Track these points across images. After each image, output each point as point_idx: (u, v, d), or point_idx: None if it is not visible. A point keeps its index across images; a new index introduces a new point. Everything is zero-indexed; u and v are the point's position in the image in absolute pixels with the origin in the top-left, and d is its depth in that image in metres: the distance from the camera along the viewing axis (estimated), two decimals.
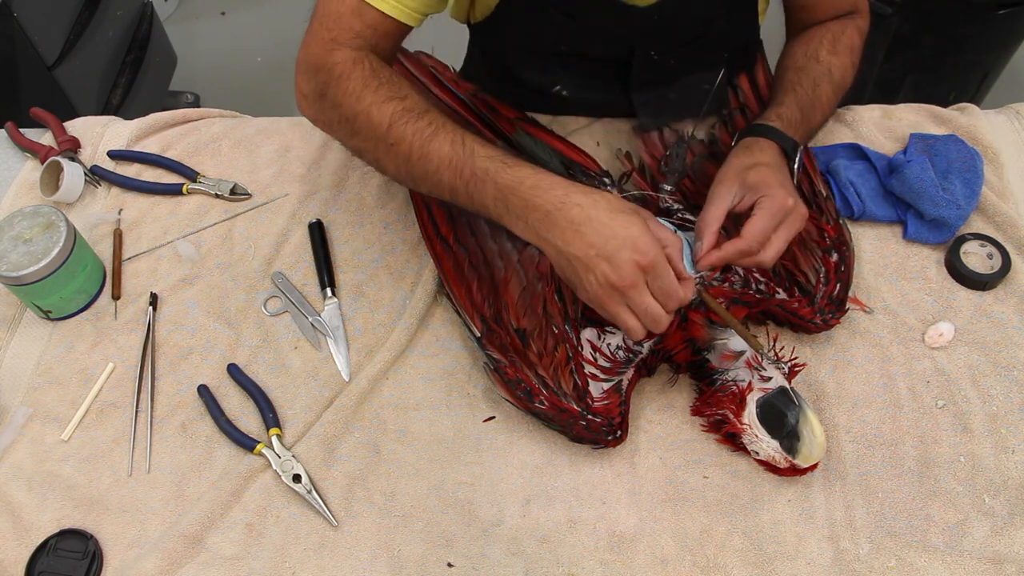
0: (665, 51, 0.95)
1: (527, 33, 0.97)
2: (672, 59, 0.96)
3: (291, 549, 0.75)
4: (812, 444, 0.73)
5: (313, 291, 0.92)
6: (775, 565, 0.73)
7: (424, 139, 0.76)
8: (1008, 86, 1.88)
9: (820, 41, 0.92)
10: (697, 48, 0.96)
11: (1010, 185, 0.97)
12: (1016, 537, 0.73)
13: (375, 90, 0.78)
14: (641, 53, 0.94)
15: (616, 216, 0.71)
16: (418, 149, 0.76)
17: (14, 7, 1.51)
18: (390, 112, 0.77)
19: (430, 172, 0.76)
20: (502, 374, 0.80)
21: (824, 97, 0.90)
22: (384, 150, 0.78)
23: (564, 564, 0.74)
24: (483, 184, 0.74)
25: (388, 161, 0.79)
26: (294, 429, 0.82)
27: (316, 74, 0.81)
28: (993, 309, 0.87)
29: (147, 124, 1.09)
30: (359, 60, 0.80)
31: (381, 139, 0.78)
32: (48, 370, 0.87)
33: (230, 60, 2.47)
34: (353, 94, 0.79)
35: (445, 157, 0.75)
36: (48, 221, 0.87)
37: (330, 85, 0.80)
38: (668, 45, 0.94)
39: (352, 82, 0.79)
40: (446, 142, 0.75)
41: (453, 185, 0.76)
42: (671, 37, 0.94)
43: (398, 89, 0.79)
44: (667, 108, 1.02)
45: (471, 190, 0.75)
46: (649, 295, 0.71)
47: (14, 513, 0.78)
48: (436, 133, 0.76)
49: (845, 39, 0.93)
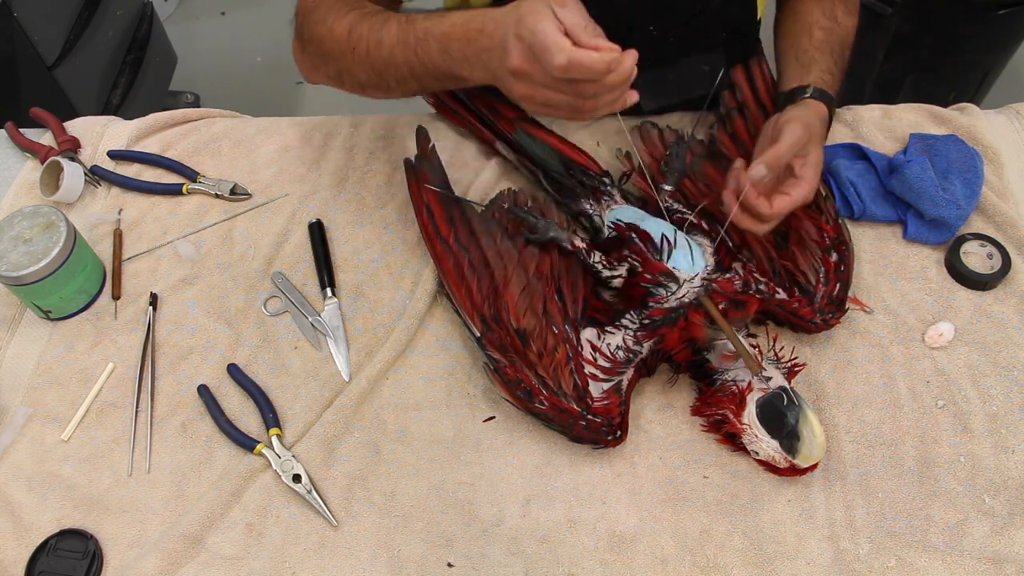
0: (664, 28, 0.95)
1: None
2: (671, 36, 0.96)
3: (291, 549, 0.75)
4: (812, 444, 0.73)
5: (313, 291, 0.92)
6: (775, 565, 0.73)
7: (377, 30, 0.79)
8: (1008, 86, 1.88)
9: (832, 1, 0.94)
10: (696, 27, 0.96)
11: (1010, 185, 0.97)
12: (1016, 537, 0.73)
13: (337, 11, 0.82)
14: (640, 29, 0.95)
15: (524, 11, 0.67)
16: (373, 40, 0.79)
17: (14, 7, 1.51)
18: (349, 20, 0.81)
19: (386, 58, 0.78)
20: (502, 374, 0.80)
21: (846, 64, 0.93)
22: (350, 57, 0.81)
23: (564, 564, 0.74)
24: (427, 45, 0.75)
25: (357, 68, 0.82)
26: (294, 429, 0.82)
27: (297, 19, 0.86)
28: (993, 309, 0.87)
29: (147, 124, 1.09)
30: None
31: (345, 48, 0.81)
32: (48, 370, 0.87)
33: (230, 60, 2.47)
34: (321, 21, 0.83)
35: (394, 37, 0.77)
36: (48, 221, 0.87)
37: (305, 24, 0.84)
38: (667, 21, 0.95)
39: (319, 11, 0.83)
40: (394, 24, 0.78)
41: (408, 60, 0.77)
42: (669, 12, 0.94)
43: (360, 4, 0.82)
44: (666, 89, 1.02)
45: (420, 56, 0.76)
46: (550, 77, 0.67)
47: (14, 513, 0.78)
48: (386, 21, 0.79)
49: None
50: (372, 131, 1.06)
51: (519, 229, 0.89)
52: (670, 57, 1.00)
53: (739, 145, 0.96)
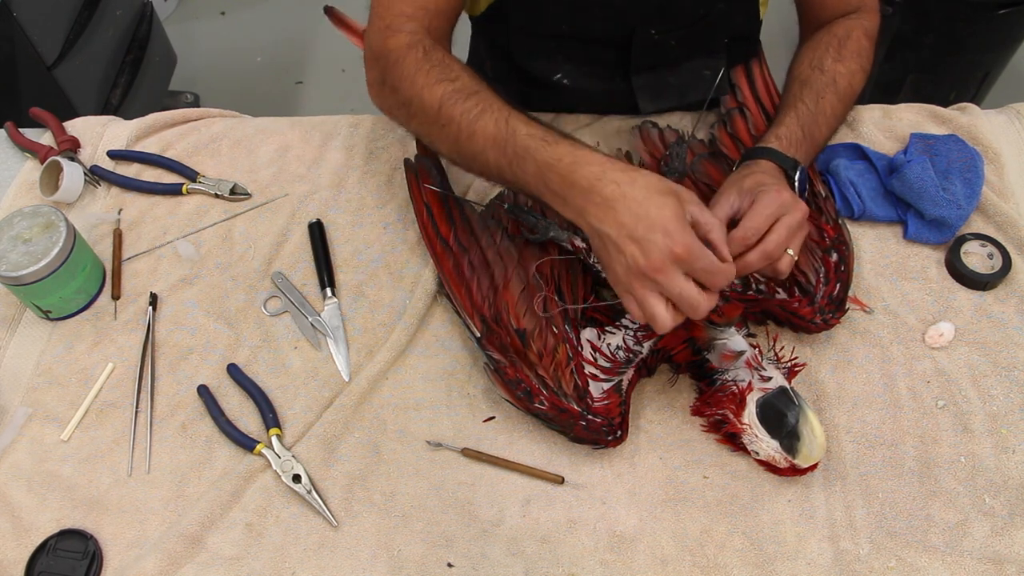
0: (666, 31, 0.95)
1: (530, 13, 0.97)
2: (673, 40, 0.96)
3: (291, 549, 0.75)
4: (812, 444, 0.73)
5: (313, 291, 0.92)
6: (775, 565, 0.73)
7: (471, 119, 0.77)
8: (1008, 86, 1.88)
9: (826, 48, 0.91)
10: (698, 31, 0.96)
11: (1011, 185, 0.97)
12: (1016, 537, 0.73)
13: (427, 73, 0.80)
14: (642, 32, 0.95)
15: (652, 196, 0.68)
16: (466, 129, 0.77)
17: (14, 7, 1.51)
18: (440, 94, 0.79)
19: (477, 152, 0.77)
20: (502, 374, 0.80)
21: (829, 109, 0.88)
22: (437, 132, 0.80)
23: (564, 564, 0.74)
24: (524, 162, 0.74)
25: (441, 142, 0.82)
26: (294, 429, 0.82)
27: (376, 62, 0.85)
28: (993, 309, 0.87)
29: (147, 124, 1.09)
30: (413, 45, 0.82)
31: (433, 121, 0.80)
32: (48, 370, 0.87)
33: (230, 60, 2.47)
34: (408, 78, 0.81)
35: (490, 136, 0.76)
36: (48, 221, 0.87)
37: (388, 71, 0.83)
38: (669, 25, 0.95)
39: (406, 67, 0.81)
40: (490, 121, 0.76)
41: (499, 164, 0.76)
42: (672, 16, 0.94)
43: (449, 71, 0.80)
44: (667, 92, 1.02)
45: (515, 168, 0.75)
46: (682, 279, 0.67)
47: (14, 513, 0.78)
48: (482, 113, 0.77)
49: (851, 43, 0.92)
50: (372, 131, 1.06)
51: (519, 229, 0.89)
52: (671, 61, 1.00)
53: (739, 145, 0.96)
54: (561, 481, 0.77)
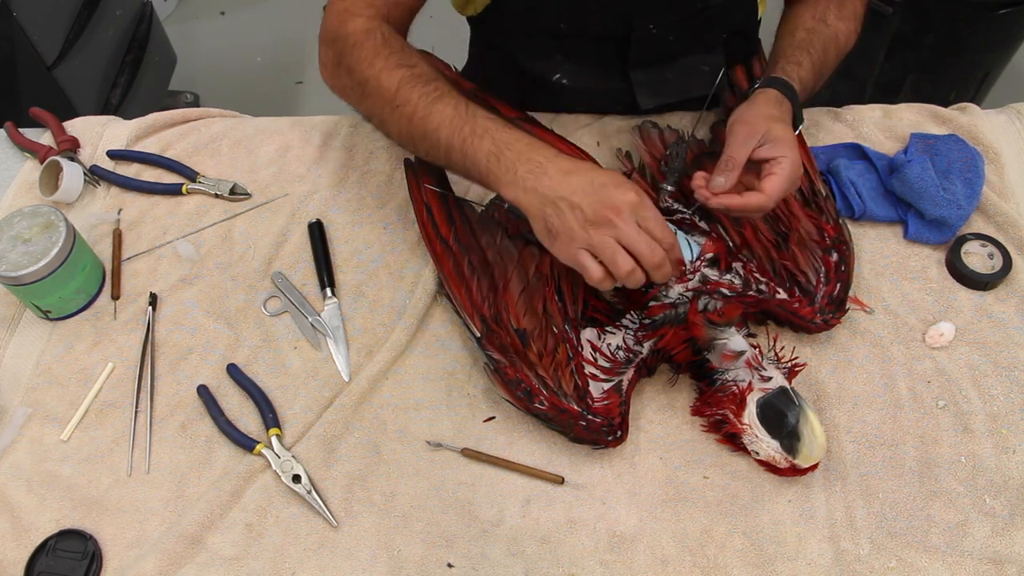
0: (664, 27, 0.95)
1: (528, 10, 0.97)
2: (671, 35, 0.96)
3: (291, 549, 0.75)
4: (812, 444, 0.73)
5: (313, 291, 0.92)
6: (775, 566, 0.73)
7: (429, 101, 0.80)
8: (1008, 86, 1.88)
9: (827, 5, 0.93)
10: (696, 25, 0.96)
11: (1011, 185, 0.97)
12: (1017, 537, 0.73)
13: (386, 57, 0.83)
14: (640, 28, 0.95)
15: (607, 172, 0.75)
16: (422, 110, 0.80)
17: (14, 7, 1.51)
18: (399, 77, 0.82)
19: (429, 131, 0.80)
20: (502, 374, 0.79)
21: (830, 62, 0.92)
22: (389, 112, 0.82)
23: (564, 564, 0.74)
24: (480, 139, 0.77)
25: (392, 122, 0.83)
26: (294, 429, 0.82)
27: (333, 43, 0.86)
28: (994, 309, 0.87)
29: (147, 124, 1.09)
30: (372, 30, 0.84)
31: (388, 101, 0.82)
32: (47, 370, 0.87)
33: (230, 60, 2.47)
34: (365, 60, 0.83)
35: (447, 117, 0.79)
36: (47, 221, 0.86)
37: (345, 53, 0.84)
38: (667, 20, 0.95)
39: (365, 49, 0.83)
40: (449, 104, 0.80)
41: (449, 142, 0.79)
42: (670, 11, 0.94)
43: (408, 58, 0.83)
44: (666, 88, 1.03)
45: (466, 146, 0.78)
46: (635, 225, 0.72)
47: (13, 513, 0.78)
48: (441, 97, 0.80)
49: (850, 4, 0.94)
50: (372, 131, 1.06)
51: (519, 229, 0.89)
52: (670, 56, 1.00)
53: None
54: (561, 481, 0.77)
